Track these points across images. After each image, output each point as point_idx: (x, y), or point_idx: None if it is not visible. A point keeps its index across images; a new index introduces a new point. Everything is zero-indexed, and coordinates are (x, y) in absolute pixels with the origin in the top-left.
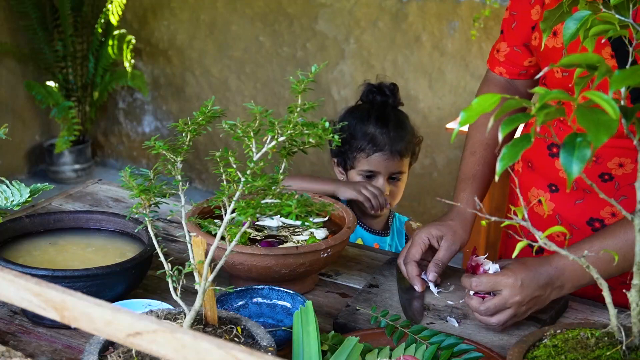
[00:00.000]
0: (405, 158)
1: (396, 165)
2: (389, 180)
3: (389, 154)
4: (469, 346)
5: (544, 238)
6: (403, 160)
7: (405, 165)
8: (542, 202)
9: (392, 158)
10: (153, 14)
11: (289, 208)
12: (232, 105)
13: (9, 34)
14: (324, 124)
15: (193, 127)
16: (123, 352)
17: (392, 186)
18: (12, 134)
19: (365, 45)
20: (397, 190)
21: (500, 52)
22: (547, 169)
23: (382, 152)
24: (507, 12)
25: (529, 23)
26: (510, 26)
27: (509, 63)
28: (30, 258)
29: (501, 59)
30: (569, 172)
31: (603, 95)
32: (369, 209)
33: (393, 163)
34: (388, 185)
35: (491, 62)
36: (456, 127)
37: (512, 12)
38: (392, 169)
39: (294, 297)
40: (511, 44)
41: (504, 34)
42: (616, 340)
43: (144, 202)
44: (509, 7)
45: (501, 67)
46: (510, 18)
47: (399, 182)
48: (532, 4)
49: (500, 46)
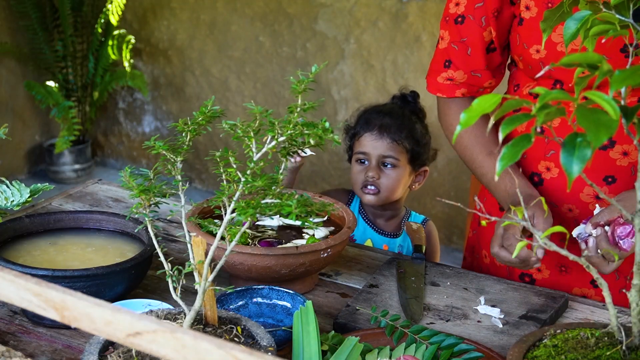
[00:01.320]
0: (398, 144)
1: (386, 147)
2: (383, 164)
3: (378, 133)
4: (469, 346)
5: (544, 238)
6: (395, 146)
7: (399, 153)
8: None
9: (380, 138)
10: (153, 14)
11: (289, 208)
12: (232, 105)
13: (9, 34)
14: (324, 124)
15: (193, 127)
16: (123, 352)
17: (384, 174)
18: (12, 134)
19: (365, 45)
20: (389, 180)
21: (456, 80)
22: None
23: (372, 132)
24: (446, 43)
25: (483, 45)
26: (465, 53)
27: (468, 85)
28: (30, 258)
29: (459, 83)
30: (569, 172)
31: (603, 95)
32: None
33: (382, 144)
34: (378, 171)
35: (447, 90)
36: (457, 128)
37: (461, 39)
38: (380, 150)
39: (294, 297)
40: (468, 70)
41: (454, 64)
42: (616, 340)
43: (144, 202)
44: (450, 38)
45: (461, 88)
46: (462, 45)
47: (392, 170)
48: (484, 27)
49: (453, 75)
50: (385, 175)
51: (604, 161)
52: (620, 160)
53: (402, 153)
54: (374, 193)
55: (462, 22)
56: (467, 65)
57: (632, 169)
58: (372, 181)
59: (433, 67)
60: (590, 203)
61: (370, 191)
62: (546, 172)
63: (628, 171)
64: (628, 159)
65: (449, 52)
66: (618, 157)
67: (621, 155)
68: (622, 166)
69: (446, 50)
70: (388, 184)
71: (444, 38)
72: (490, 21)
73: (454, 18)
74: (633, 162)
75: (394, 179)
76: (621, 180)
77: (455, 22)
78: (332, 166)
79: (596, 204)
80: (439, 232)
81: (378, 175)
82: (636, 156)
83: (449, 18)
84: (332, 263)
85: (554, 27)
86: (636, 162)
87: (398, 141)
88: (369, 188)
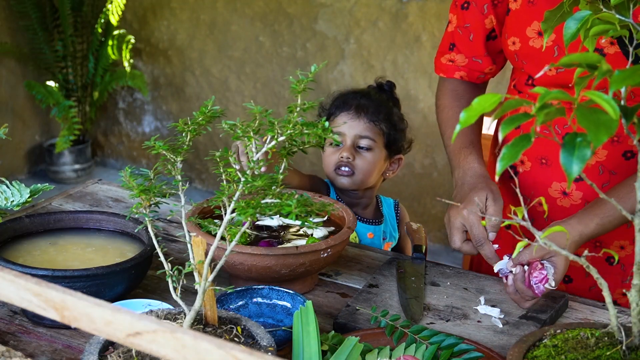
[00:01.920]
0: (375, 125)
1: (362, 128)
2: (358, 146)
3: (354, 113)
4: (469, 346)
5: (544, 238)
6: (372, 127)
7: (376, 135)
8: (542, 203)
9: (357, 118)
10: (153, 14)
11: (289, 208)
12: (232, 105)
13: (9, 34)
14: (324, 124)
15: (193, 127)
16: (123, 352)
17: (359, 156)
18: (12, 134)
19: (365, 45)
20: (364, 162)
21: (457, 62)
22: None
23: (347, 111)
24: (453, 27)
25: (484, 32)
26: (468, 39)
27: (468, 69)
28: (30, 258)
29: (460, 65)
30: (569, 172)
31: (603, 95)
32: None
33: (359, 124)
34: (352, 153)
35: (448, 70)
36: (456, 127)
37: (465, 24)
38: (357, 130)
39: (294, 297)
40: (469, 55)
41: (457, 47)
42: (616, 340)
43: (144, 202)
44: (457, 23)
45: (461, 71)
46: (466, 31)
47: (367, 152)
48: (486, 14)
49: (455, 57)
50: (360, 157)
51: None
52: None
53: (379, 135)
54: (348, 175)
55: (467, 8)
56: (468, 50)
57: (599, 169)
58: (347, 162)
59: (440, 48)
60: (558, 199)
61: (344, 172)
62: (520, 165)
63: (596, 170)
64: (595, 158)
65: (454, 36)
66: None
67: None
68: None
69: (452, 34)
70: (363, 166)
71: (452, 22)
72: (490, 9)
73: (461, 4)
74: (600, 161)
75: (370, 162)
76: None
77: (462, 8)
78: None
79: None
80: (438, 232)
81: (353, 156)
82: (603, 156)
83: (458, 3)
84: (332, 263)
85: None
86: (603, 162)
87: (375, 122)
88: (343, 169)
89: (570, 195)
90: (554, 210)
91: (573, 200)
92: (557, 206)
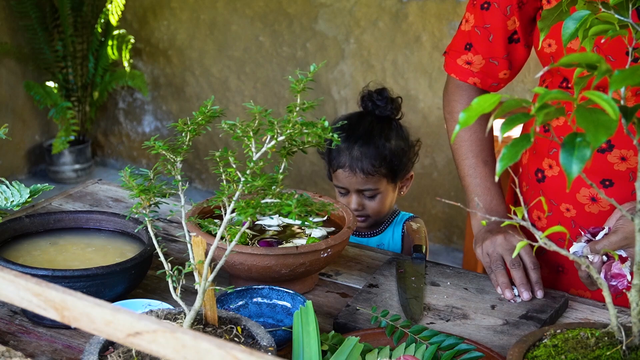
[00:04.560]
0: (372, 176)
1: (361, 182)
2: (363, 193)
3: (349, 170)
4: (469, 346)
5: (544, 238)
6: (369, 178)
7: (376, 182)
8: (542, 202)
9: (354, 175)
10: (153, 14)
11: (289, 208)
12: (232, 105)
13: (9, 34)
14: (324, 123)
15: (193, 127)
16: (123, 352)
17: (367, 201)
18: (12, 134)
19: (365, 45)
20: (374, 205)
21: (474, 65)
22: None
23: (343, 169)
24: (470, 26)
25: (505, 34)
26: (487, 39)
27: (483, 74)
28: (30, 258)
29: (475, 70)
30: (569, 172)
31: (603, 95)
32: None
33: (356, 180)
34: (361, 199)
35: (462, 73)
36: (456, 127)
37: (485, 25)
38: (357, 186)
39: (294, 297)
40: (487, 57)
41: (475, 48)
42: (616, 340)
43: (144, 202)
44: (475, 22)
45: (475, 77)
46: (485, 32)
47: (375, 197)
48: (508, 16)
49: (472, 59)
50: (369, 201)
51: (602, 164)
52: (618, 164)
53: (380, 180)
54: (362, 220)
55: (488, 9)
56: (486, 51)
57: (630, 175)
58: (359, 213)
59: (453, 46)
60: (586, 205)
61: (359, 220)
62: (548, 170)
63: (626, 177)
64: (626, 164)
65: (471, 36)
66: (616, 162)
67: (619, 160)
68: (620, 171)
69: (469, 33)
70: (374, 208)
71: (469, 21)
72: (514, 11)
73: (480, 4)
74: (631, 168)
75: (378, 203)
76: (618, 185)
77: (481, 8)
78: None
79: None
80: (438, 232)
81: (362, 205)
82: (634, 162)
83: (476, 3)
84: (332, 263)
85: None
86: (634, 169)
87: (372, 173)
88: (357, 217)
89: (599, 201)
90: (582, 217)
91: (602, 207)
92: (585, 212)
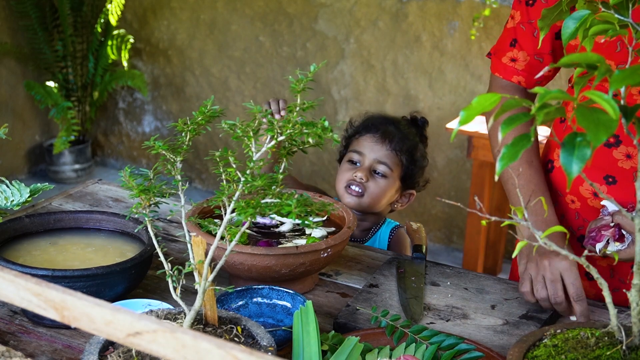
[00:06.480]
0: (396, 155)
1: (383, 154)
2: (372, 172)
3: (380, 138)
4: (469, 346)
5: (544, 238)
6: (393, 155)
7: (394, 164)
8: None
9: (381, 143)
10: (153, 14)
11: (289, 207)
12: (232, 105)
13: (9, 34)
14: (324, 123)
15: (193, 127)
16: (123, 352)
17: (373, 179)
18: (12, 134)
19: (365, 45)
20: (376, 187)
21: (519, 62)
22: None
23: (374, 134)
24: (515, 22)
25: (553, 29)
26: (531, 35)
27: (527, 72)
28: (30, 258)
29: (520, 68)
30: (569, 171)
31: (603, 95)
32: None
33: (381, 149)
34: (368, 176)
35: (506, 72)
36: (456, 127)
37: (529, 20)
38: (377, 154)
39: (294, 297)
40: (532, 53)
41: (519, 44)
42: (616, 340)
43: (144, 202)
44: (520, 19)
45: (520, 76)
46: (529, 27)
47: (382, 179)
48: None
49: (517, 55)
50: (374, 181)
51: (606, 160)
52: (623, 162)
53: (397, 165)
54: (357, 195)
55: (533, 5)
56: (531, 46)
57: (634, 174)
58: (359, 182)
59: (499, 46)
60: (589, 199)
61: (353, 192)
62: (557, 160)
63: (630, 176)
64: (631, 163)
65: (516, 32)
66: (621, 158)
67: (624, 157)
68: (624, 169)
69: (514, 30)
70: (374, 191)
71: (514, 18)
72: None
73: (526, 0)
74: (636, 167)
75: (381, 188)
76: (621, 183)
77: (527, 4)
78: (332, 166)
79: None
80: (438, 232)
81: (367, 177)
82: None
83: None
84: (332, 263)
85: None
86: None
87: (397, 152)
88: (353, 188)
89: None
90: (585, 210)
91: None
92: (587, 206)
